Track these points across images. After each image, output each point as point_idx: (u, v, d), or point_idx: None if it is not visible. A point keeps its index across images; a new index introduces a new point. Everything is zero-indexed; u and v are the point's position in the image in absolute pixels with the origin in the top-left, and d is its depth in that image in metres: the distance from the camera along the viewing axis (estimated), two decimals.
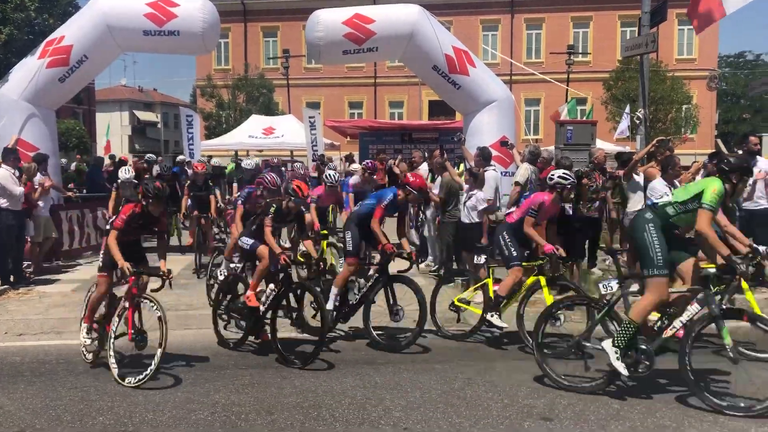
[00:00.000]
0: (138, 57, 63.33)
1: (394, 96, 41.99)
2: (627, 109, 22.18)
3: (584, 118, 22.42)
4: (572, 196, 7.65)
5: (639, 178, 9.67)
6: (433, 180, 11.15)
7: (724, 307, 5.26)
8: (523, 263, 7.16)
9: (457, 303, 7.51)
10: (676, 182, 8.52)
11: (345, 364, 6.50)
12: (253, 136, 24.54)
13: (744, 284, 6.08)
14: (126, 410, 5.29)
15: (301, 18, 13.96)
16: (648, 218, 5.50)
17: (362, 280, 7.59)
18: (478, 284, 7.58)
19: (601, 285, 5.87)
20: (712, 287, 5.30)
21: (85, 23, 11.76)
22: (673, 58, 38.11)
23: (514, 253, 7.12)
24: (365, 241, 7.74)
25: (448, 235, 10.10)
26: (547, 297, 6.85)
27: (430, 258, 11.40)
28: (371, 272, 7.48)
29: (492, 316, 7.07)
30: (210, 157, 23.41)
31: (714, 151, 15.27)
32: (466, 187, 9.62)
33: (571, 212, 9.12)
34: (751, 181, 8.83)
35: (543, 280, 7.01)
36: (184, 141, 20.60)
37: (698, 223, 5.27)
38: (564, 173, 7.16)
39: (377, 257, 7.84)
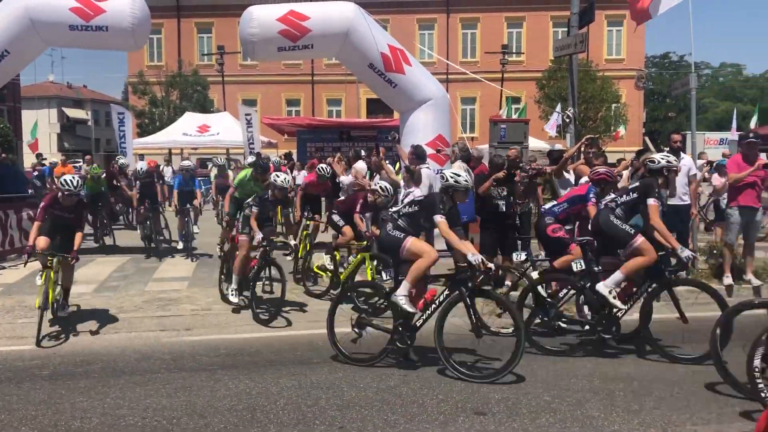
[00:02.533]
0: (67, 52, 61.20)
1: (331, 94, 41.85)
2: (558, 108, 22.76)
3: (517, 116, 22.87)
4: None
5: (569, 176, 9.91)
6: (371, 178, 11.18)
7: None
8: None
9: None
10: None
11: (281, 364, 6.44)
12: (187, 134, 24.12)
13: None
14: (51, 419, 5.10)
15: (236, 14, 13.72)
16: None
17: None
18: None
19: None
20: None
21: (6, 16, 11.22)
22: (603, 58, 39.21)
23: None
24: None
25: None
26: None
27: None
28: None
29: None
30: (142, 155, 22.80)
31: (641, 148, 15.82)
32: (403, 184, 9.67)
33: (504, 209, 9.27)
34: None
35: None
36: (117, 139, 20.07)
37: None
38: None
39: None
